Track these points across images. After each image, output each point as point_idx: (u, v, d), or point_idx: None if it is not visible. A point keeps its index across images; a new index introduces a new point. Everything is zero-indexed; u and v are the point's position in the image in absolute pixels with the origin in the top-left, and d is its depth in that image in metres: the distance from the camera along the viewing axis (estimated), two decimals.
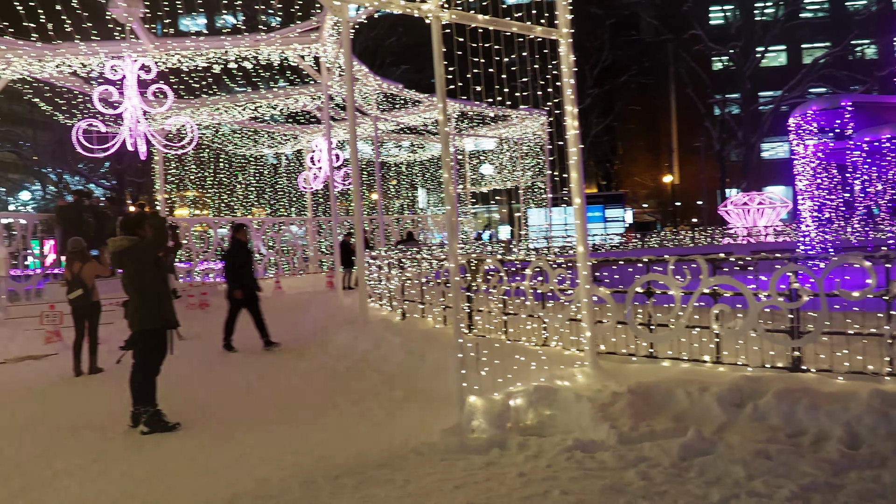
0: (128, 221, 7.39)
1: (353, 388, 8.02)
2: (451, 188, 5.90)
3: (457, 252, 5.99)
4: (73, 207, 15.72)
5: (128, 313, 7.09)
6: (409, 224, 30.32)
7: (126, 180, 40.83)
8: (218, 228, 22.61)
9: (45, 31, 12.50)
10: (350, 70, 10.46)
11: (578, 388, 6.06)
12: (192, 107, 20.08)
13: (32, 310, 13.88)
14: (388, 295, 12.09)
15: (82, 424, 7.05)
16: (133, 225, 7.24)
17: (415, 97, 21.41)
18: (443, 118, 5.84)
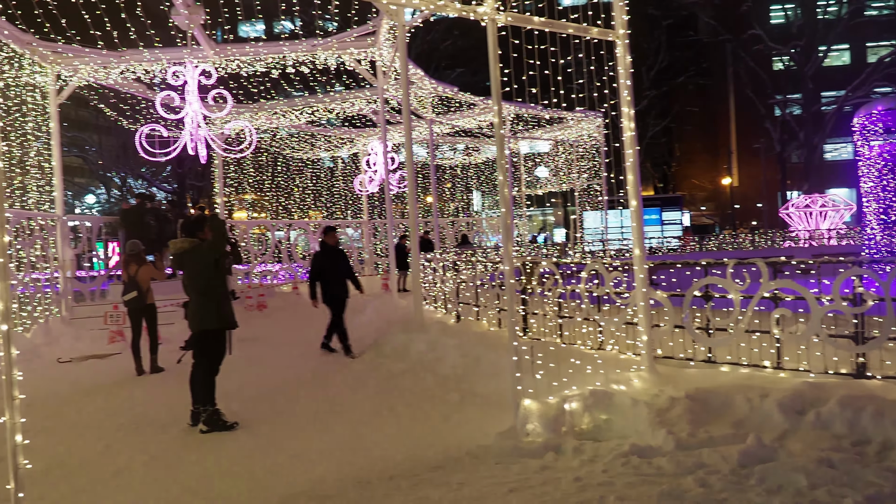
0: (188, 224, 7.58)
1: (408, 390, 8.07)
2: (506, 190, 5.88)
3: (512, 255, 5.97)
4: (136, 211, 16.18)
5: (188, 314, 7.27)
6: (463, 227, 30.38)
7: (187, 184, 41.90)
8: (276, 231, 23.04)
9: (111, 39, 12.91)
10: (406, 73, 10.55)
11: (635, 393, 5.98)
12: (251, 111, 20.49)
13: (97, 310, 14.37)
14: (442, 297, 12.13)
15: (144, 422, 7.27)
16: (193, 227, 7.42)
17: (470, 100, 21.43)
18: (498, 120, 5.84)
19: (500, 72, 5.87)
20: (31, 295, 13.55)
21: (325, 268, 10.89)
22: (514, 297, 5.94)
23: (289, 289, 20.71)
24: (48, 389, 9.09)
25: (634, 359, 7.09)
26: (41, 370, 10.59)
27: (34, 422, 7.33)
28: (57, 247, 15.06)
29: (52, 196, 15.43)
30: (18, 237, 13.49)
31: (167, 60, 14.53)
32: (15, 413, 3.92)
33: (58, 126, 15.36)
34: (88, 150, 44.76)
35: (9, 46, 13.53)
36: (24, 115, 14.36)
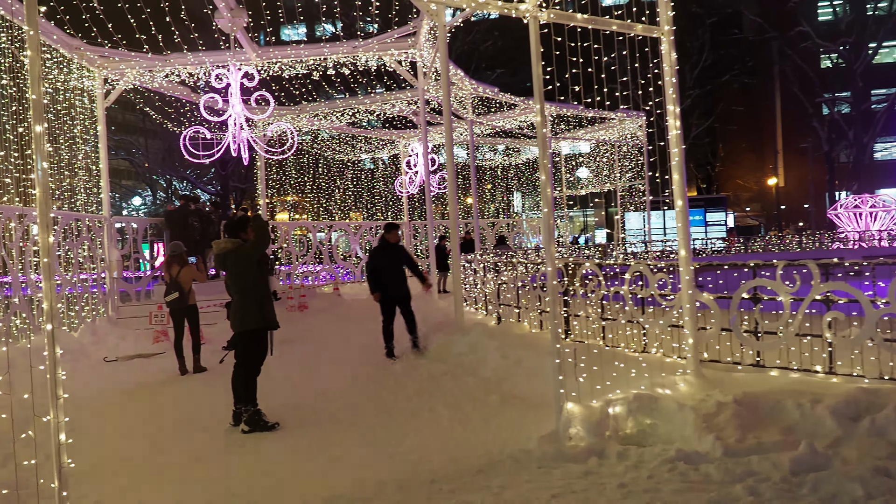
0: (231, 224, 7.64)
1: (448, 392, 8.01)
2: (548, 190, 5.79)
3: (554, 256, 5.87)
4: (180, 212, 16.41)
5: (230, 314, 7.31)
6: (503, 228, 30.25)
7: (230, 186, 42.48)
8: (317, 232, 23.20)
9: (156, 43, 13.12)
10: (446, 74, 10.50)
11: (681, 397, 5.83)
12: (292, 113, 20.68)
13: (142, 310, 14.62)
14: (483, 299, 12.05)
15: (187, 422, 7.33)
16: (236, 228, 7.47)
17: (510, 100, 21.32)
18: (541, 119, 5.75)
19: (542, 70, 5.77)
20: (79, 295, 13.84)
21: (382, 266, 10.55)
22: (556, 298, 5.84)
23: (330, 290, 20.83)
24: (94, 388, 9.26)
25: (680, 362, 6.93)
26: (88, 369, 10.79)
27: (80, 421, 7.47)
28: (104, 247, 15.36)
29: (99, 198, 15.76)
30: (67, 238, 13.79)
31: (210, 63, 14.74)
32: (59, 412, 3.96)
33: (105, 129, 15.67)
34: (135, 153, 45.65)
35: (58, 51, 13.85)
36: (73, 118, 14.68)
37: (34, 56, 3.95)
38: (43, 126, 3.84)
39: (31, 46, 3.94)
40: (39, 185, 3.82)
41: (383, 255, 10.60)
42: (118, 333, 13.65)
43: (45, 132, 3.83)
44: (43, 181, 3.82)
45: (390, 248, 10.67)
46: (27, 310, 11.93)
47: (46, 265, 3.84)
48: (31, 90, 3.89)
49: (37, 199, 3.80)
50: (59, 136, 14.15)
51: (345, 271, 23.98)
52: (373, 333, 11.78)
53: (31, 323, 11.97)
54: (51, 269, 3.84)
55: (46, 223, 3.86)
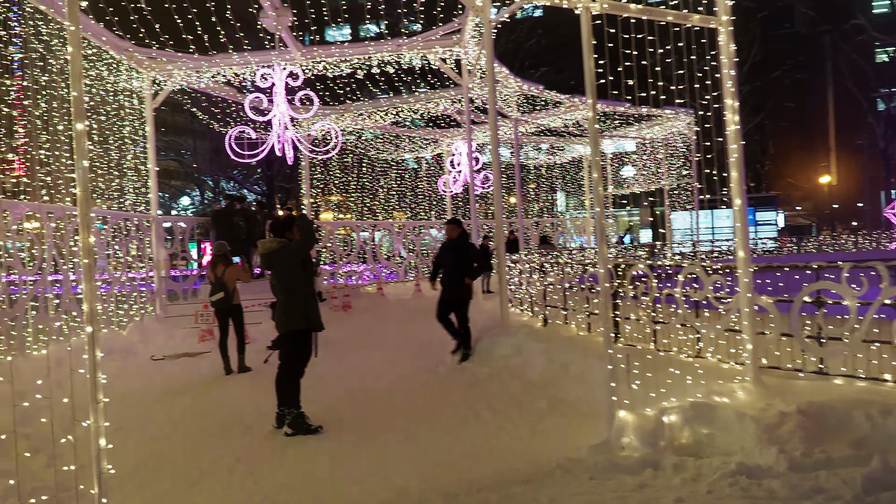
0: (277, 224, 7.56)
1: (493, 396, 7.82)
2: (599, 188, 5.56)
3: (606, 257, 5.64)
4: (226, 212, 16.51)
5: (275, 314, 7.23)
6: (548, 228, 29.91)
7: (276, 186, 42.87)
8: (360, 232, 23.21)
9: (202, 43, 13.18)
10: (492, 71, 10.30)
11: (740, 406, 5.54)
12: (337, 113, 20.69)
13: (189, 308, 14.73)
14: (529, 300, 11.82)
15: (230, 423, 7.27)
16: (282, 227, 7.38)
17: (556, 98, 20.99)
18: (592, 115, 5.52)
19: (595, 62, 5.54)
20: (128, 294, 14.00)
21: (443, 262, 10.36)
22: (608, 301, 5.61)
23: (373, 289, 20.79)
24: (141, 387, 9.31)
25: (737, 369, 6.62)
26: (135, 367, 10.87)
27: (126, 420, 7.48)
28: (152, 246, 15.53)
29: (147, 197, 15.94)
30: (116, 237, 13.96)
31: (256, 63, 14.77)
32: (99, 417, 3.87)
33: (153, 130, 15.84)
34: (184, 154, 46.41)
35: (108, 53, 14.02)
36: (122, 119, 14.87)
37: (75, 52, 3.88)
38: (84, 124, 3.76)
39: (72, 43, 3.87)
40: (80, 184, 3.74)
41: (444, 252, 10.39)
42: (165, 332, 13.77)
43: (87, 131, 3.74)
44: (83, 180, 3.75)
45: (452, 245, 10.37)
46: (77, 309, 12.10)
47: (87, 266, 3.75)
48: (72, 87, 3.82)
49: (77, 199, 3.73)
50: (108, 137, 14.34)
51: (388, 271, 23.93)
52: (416, 334, 11.67)
53: (81, 322, 12.15)
54: (91, 269, 3.76)
55: (87, 223, 3.78)
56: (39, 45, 12.21)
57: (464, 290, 10.07)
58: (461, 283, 10.04)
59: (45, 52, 12.31)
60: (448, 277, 10.18)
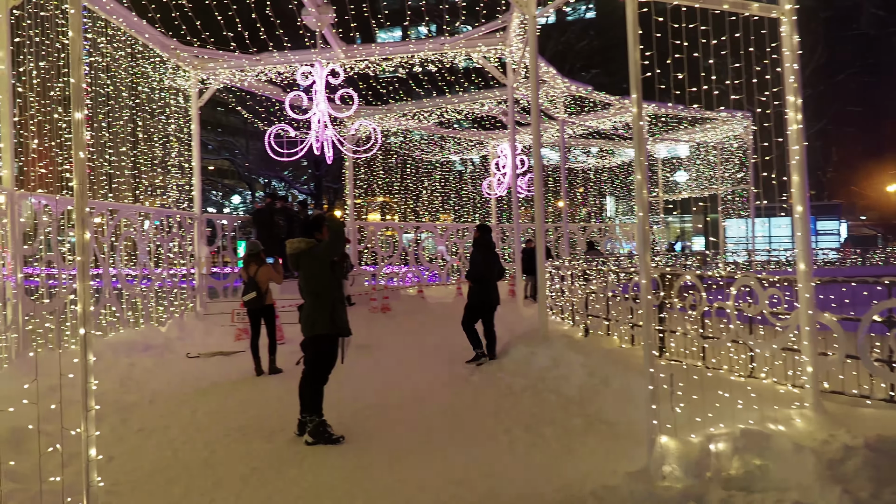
0: (306, 223, 7.25)
1: (527, 411, 7.39)
2: (643, 192, 5.09)
3: (649, 265, 5.17)
4: (267, 210, 16.40)
5: (301, 318, 6.92)
6: (595, 233, 29.26)
7: (323, 186, 42.99)
8: (403, 233, 22.95)
9: (243, 40, 13.03)
10: (535, 68, 9.86)
11: (798, 436, 5.02)
12: (380, 113, 20.47)
13: (228, 306, 14.63)
14: (570, 308, 11.33)
15: (252, 428, 6.99)
16: (311, 227, 7.08)
17: (605, 99, 20.42)
18: (637, 111, 5.06)
19: (641, 54, 5.08)
20: (168, 290, 13.96)
21: (477, 262, 10.43)
22: (651, 313, 5.14)
23: (414, 292, 20.50)
24: (171, 385, 9.15)
25: (795, 392, 6.07)
26: (170, 364, 10.76)
27: (149, 420, 7.31)
28: (194, 244, 15.49)
29: (191, 195, 15.93)
30: (158, 234, 13.93)
31: (299, 62, 14.61)
32: (90, 425, 3.58)
33: (198, 128, 15.82)
34: (237, 154, 46.84)
35: (154, 52, 14.01)
36: (168, 117, 14.87)
37: (75, 37, 3.61)
38: (83, 113, 3.48)
39: (73, 27, 3.61)
40: (76, 175, 3.46)
41: (477, 252, 10.46)
42: (204, 329, 13.69)
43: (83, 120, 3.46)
44: (80, 172, 3.46)
45: (478, 247, 10.49)
46: (117, 304, 12.06)
47: (81, 265, 3.47)
48: (71, 73, 3.55)
49: (74, 191, 3.45)
50: (153, 135, 14.34)
51: (430, 273, 23.63)
52: (453, 339, 11.32)
53: (120, 316, 12.10)
54: (86, 268, 3.48)
55: (81, 217, 3.49)
56: (88, 45, 12.26)
57: (481, 298, 10.24)
58: (483, 289, 10.24)
59: (92, 52, 12.36)
60: (480, 280, 10.30)
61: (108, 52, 12.61)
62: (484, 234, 10.58)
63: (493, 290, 10.41)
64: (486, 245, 10.50)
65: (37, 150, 10.63)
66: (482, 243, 10.51)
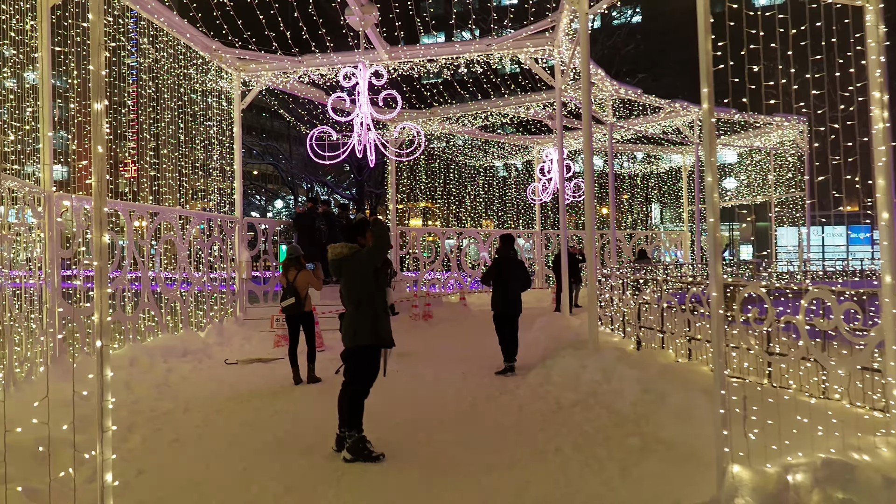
0: (349, 227, 6.89)
1: (578, 428, 6.94)
2: (715, 195, 4.64)
3: (720, 277, 4.71)
4: (308, 215, 16.21)
5: (342, 326, 6.57)
6: (641, 241, 28.58)
7: (366, 190, 42.91)
8: (446, 239, 22.60)
9: (285, 40, 12.83)
10: (587, 65, 9.41)
11: (886, 467, 4.50)
12: (424, 116, 20.17)
13: (268, 312, 14.42)
14: (620, 319, 10.83)
15: (288, 442, 6.67)
16: (354, 232, 6.73)
17: (654, 103, 19.83)
18: (708, 106, 4.60)
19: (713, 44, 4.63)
20: (208, 294, 13.81)
21: (488, 271, 10.57)
22: (722, 330, 4.67)
23: (456, 299, 20.13)
24: (208, 393, 8.92)
25: (879, 418, 5.52)
26: (207, 371, 10.55)
27: (184, 431, 7.05)
28: (234, 248, 15.35)
29: (232, 198, 15.80)
30: (199, 237, 13.80)
31: (342, 64, 14.39)
32: (106, 448, 3.26)
33: (240, 131, 15.69)
34: (281, 159, 47.10)
35: (197, 53, 13.91)
36: (209, 119, 14.76)
37: (95, 20, 3.31)
38: (103, 104, 3.17)
39: (93, 9, 3.31)
40: (95, 172, 3.16)
41: (495, 267, 10.49)
42: (243, 334, 13.50)
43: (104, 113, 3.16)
44: (99, 168, 3.16)
45: (501, 261, 10.49)
46: (156, 308, 11.92)
47: (98, 270, 3.16)
48: (91, 61, 3.25)
49: (92, 190, 3.15)
50: (195, 137, 14.24)
51: (473, 280, 23.24)
52: (497, 349, 10.90)
53: (158, 320, 11.97)
54: (104, 274, 3.17)
55: (100, 220, 3.19)
56: (151, 54, 12.25)
57: (502, 308, 10.29)
58: (506, 300, 10.29)
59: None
60: (500, 293, 10.36)
61: (151, 53, 12.55)
62: (504, 244, 10.57)
63: (505, 299, 10.31)
64: (505, 255, 10.45)
65: (83, 153, 10.61)
66: (499, 253, 10.59)
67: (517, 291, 10.28)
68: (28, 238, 8.24)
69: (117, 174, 12.70)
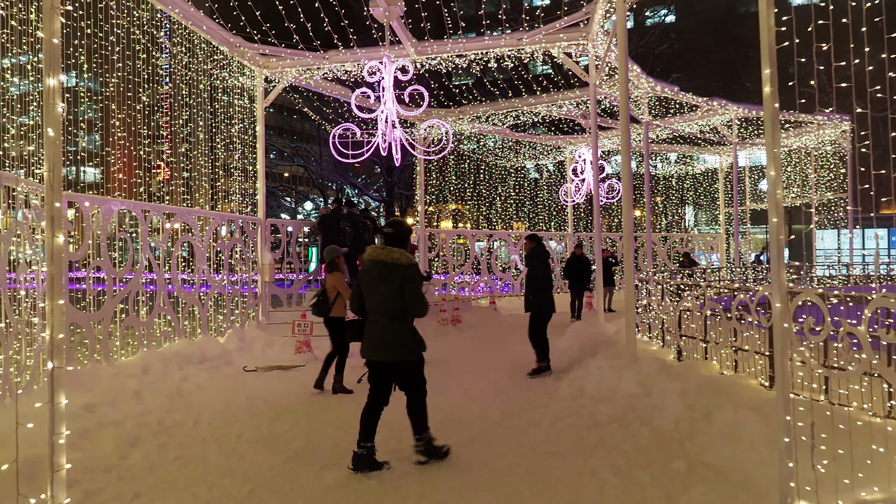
0: (399, 231, 6.09)
1: (616, 447, 6.33)
2: (778, 192, 4.04)
3: (784, 284, 4.10)
4: (333, 216, 15.79)
5: (373, 336, 5.92)
6: (676, 243, 27.78)
7: (395, 193, 42.52)
8: (476, 242, 22.05)
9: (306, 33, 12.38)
10: (625, 54, 8.78)
11: None
12: (452, 115, 19.63)
13: (291, 316, 13.96)
14: (659, 326, 10.17)
15: (301, 459, 6.17)
16: (405, 237, 6.09)
17: (692, 101, 19.09)
18: (771, 89, 4.00)
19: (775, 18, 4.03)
20: (229, 298, 13.40)
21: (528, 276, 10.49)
22: (786, 346, 4.05)
23: (486, 303, 19.57)
24: (222, 403, 8.47)
25: None
26: (225, 379, 10.10)
27: (191, 447, 6.58)
28: (257, 250, 14.95)
29: (255, 199, 15.40)
30: (218, 239, 13.40)
31: (368, 59, 13.93)
32: (58, 489, 2.76)
33: (262, 129, 15.30)
34: (311, 161, 46.97)
35: (219, 49, 13.54)
36: (231, 117, 14.38)
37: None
38: (58, 79, 2.68)
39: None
40: (47, 160, 2.66)
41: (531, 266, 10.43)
42: (265, 340, 13.07)
43: (59, 88, 2.66)
44: (52, 156, 2.66)
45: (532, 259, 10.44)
46: (172, 313, 11.52)
47: (52, 276, 2.67)
48: (43, 28, 2.76)
49: (45, 182, 2.65)
50: (216, 135, 13.86)
51: (503, 283, 22.65)
52: (528, 356, 10.36)
53: (175, 326, 11.57)
54: (57, 281, 2.67)
55: (56, 216, 2.70)
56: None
57: (534, 305, 10.20)
58: (535, 298, 10.18)
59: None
60: (526, 293, 10.42)
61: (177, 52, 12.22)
62: (539, 243, 10.55)
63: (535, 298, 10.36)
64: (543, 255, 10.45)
65: (120, 156, 10.37)
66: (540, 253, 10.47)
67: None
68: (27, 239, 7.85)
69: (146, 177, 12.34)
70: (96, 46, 9.71)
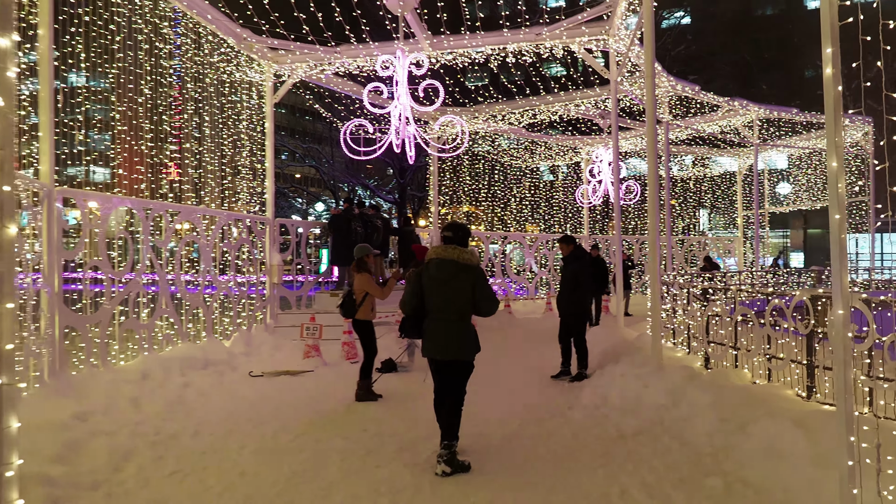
0: (462, 232, 6.14)
1: (645, 463, 5.85)
2: (841, 186, 3.58)
3: (848, 288, 3.63)
4: (344, 216, 15.40)
5: (437, 336, 5.94)
6: (693, 246, 27.26)
7: (408, 194, 42.09)
8: (489, 244, 21.60)
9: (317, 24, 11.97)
10: (651, 45, 8.31)
11: None
12: (468, 114, 19.19)
13: (301, 319, 13.54)
14: (685, 332, 9.67)
15: (305, 476, 5.68)
16: (466, 236, 6.15)
17: (712, 101, 18.59)
18: (834, 71, 3.54)
19: None
20: (235, 299, 12.98)
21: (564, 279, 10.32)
22: (848, 360, 3.59)
23: (501, 307, 19.12)
24: (225, 412, 8.03)
25: None
26: (229, 385, 9.66)
27: (190, 458, 6.16)
28: (265, 250, 14.55)
29: (263, 198, 15.00)
30: (225, 239, 13.00)
31: (375, 48, 13.49)
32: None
33: (272, 127, 14.91)
34: (324, 162, 46.65)
35: (227, 43, 13.17)
36: (238, 114, 13.98)
37: None
38: (9, 39, 2.25)
39: None
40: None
41: (567, 269, 10.28)
42: (273, 343, 12.66)
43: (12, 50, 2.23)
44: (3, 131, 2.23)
45: (571, 262, 10.28)
46: (176, 315, 11.11)
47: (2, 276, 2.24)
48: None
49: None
50: (222, 132, 13.46)
51: (518, 286, 22.19)
52: (545, 360, 9.92)
53: (178, 328, 11.16)
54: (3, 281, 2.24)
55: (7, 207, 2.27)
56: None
57: (570, 309, 10.05)
58: (569, 302, 10.04)
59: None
60: (560, 296, 10.26)
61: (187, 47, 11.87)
62: (577, 244, 10.52)
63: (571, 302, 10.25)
64: (584, 254, 10.53)
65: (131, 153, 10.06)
66: (582, 254, 10.48)
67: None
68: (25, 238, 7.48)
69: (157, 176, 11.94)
70: (106, 43, 9.39)
